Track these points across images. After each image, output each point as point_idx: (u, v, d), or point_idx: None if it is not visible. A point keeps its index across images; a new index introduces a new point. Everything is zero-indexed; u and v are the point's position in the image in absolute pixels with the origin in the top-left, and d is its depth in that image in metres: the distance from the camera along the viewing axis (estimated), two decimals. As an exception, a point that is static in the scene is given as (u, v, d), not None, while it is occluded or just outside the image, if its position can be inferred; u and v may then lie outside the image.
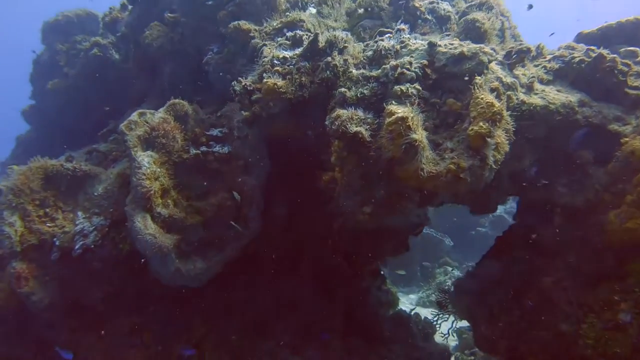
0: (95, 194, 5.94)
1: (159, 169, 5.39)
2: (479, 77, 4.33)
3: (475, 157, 4.11)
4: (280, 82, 4.89)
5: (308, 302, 7.48)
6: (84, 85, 8.99)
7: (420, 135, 4.07)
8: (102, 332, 6.56)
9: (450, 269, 13.99)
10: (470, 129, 4.15)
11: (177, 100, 5.88)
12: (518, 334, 4.79)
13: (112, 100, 8.74)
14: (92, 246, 5.70)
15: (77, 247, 5.62)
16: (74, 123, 9.04)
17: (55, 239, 5.76)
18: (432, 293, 13.17)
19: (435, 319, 8.02)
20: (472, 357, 10.04)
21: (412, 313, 9.93)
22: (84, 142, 7.80)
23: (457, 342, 10.80)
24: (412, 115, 4.12)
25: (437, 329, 9.18)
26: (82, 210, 5.88)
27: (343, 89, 4.70)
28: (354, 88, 4.72)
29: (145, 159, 5.26)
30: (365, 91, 4.65)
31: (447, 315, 6.08)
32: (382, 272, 8.79)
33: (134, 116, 5.57)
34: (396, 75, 4.56)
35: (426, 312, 12.39)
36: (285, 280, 7.43)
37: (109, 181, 5.95)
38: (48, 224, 5.84)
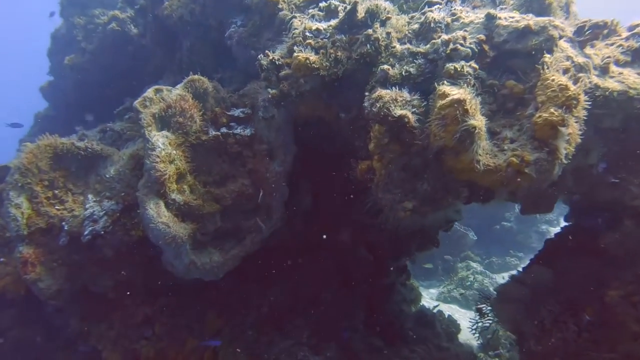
0: (107, 176, 5.40)
1: (174, 151, 4.81)
2: (548, 56, 3.61)
3: (543, 149, 3.41)
4: (312, 57, 4.23)
5: (329, 297, 6.90)
6: (102, 61, 8.44)
7: (479, 121, 3.39)
8: (113, 321, 6.11)
9: (473, 264, 13.27)
10: (537, 116, 3.45)
11: (196, 77, 5.26)
12: (575, 354, 4.13)
13: (131, 76, 8.19)
14: (102, 232, 5.18)
15: (86, 232, 5.10)
16: (91, 100, 8.52)
17: (64, 223, 5.25)
18: (453, 288, 12.51)
19: (474, 327, 7.34)
20: (497, 359, 9.42)
21: (436, 310, 9.32)
22: (101, 120, 7.29)
23: (480, 342, 10.17)
24: (469, 97, 3.43)
25: (477, 339, 8.57)
26: (92, 193, 5.35)
27: (385, 66, 4.01)
28: (397, 65, 4.04)
29: (160, 139, 4.68)
30: (411, 69, 3.96)
31: (486, 325, 5.44)
32: (407, 268, 8.16)
33: (149, 92, 4.98)
34: (448, 52, 3.86)
35: (446, 308, 11.78)
36: (306, 273, 6.86)
37: (121, 162, 5.39)
38: (57, 207, 5.33)
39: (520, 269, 4.97)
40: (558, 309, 4.38)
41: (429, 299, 12.40)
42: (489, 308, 5.21)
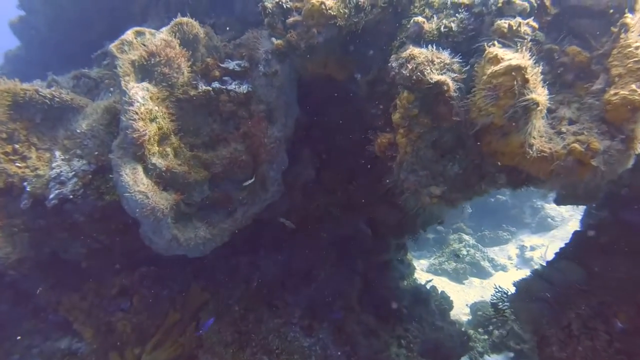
0: (78, 131, 4.57)
1: (156, 107, 3.99)
2: (630, 16, 2.83)
3: (616, 135, 2.70)
4: (329, 2, 3.38)
5: (323, 274, 6.33)
6: (80, -5, 7.34)
7: (542, 96, 2.64)
8: (87, 291, 5.46)
9: (465, 236, 12.85)
10: (611, 92, 2.72)
11: (184, 19, 4.36)
12: (604, 363, 3.63)
13: (113, 17, 7.14)
14: (71, 196, 4.42)
15: (51, 196, 4.34)
16: (67, 42, 7.47)
17: (25, 184, 4.46)
18: (444, 261, 12.12)
19: (488, 326, 6.84)
20: (487, 336, 9.13)
21: (429, 287, 8.88)
22: (79, 65, 6.33)
23: (469, 318, 9.86)
24: (530, 65, 2.67)
25: (488, 338, 8.16)
26: (60, 150, 4.54)
27: (420, 18, 3.20)
28: (435, 18, 3.22)
29: (140, 92, 3.85)
30: (451, 24, 3.16)
31: (499, 324, 4.87)
32: (406, 244, 7.60)
33: (129, 35, 4.08)
34: (500, 4, 3.05)
35: (437, 280, 11.41)
36: (300, 247, 6.25)
37: (95, 116, 4.55)
38: (17, 164, 4.52)
39: (544, 263, 4.39)
40: (588, 313, 3.82)
41: (419, 270, 12.00)
42: (506, 304, 4.68)
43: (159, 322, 5.55)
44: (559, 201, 4.00)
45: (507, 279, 11.63)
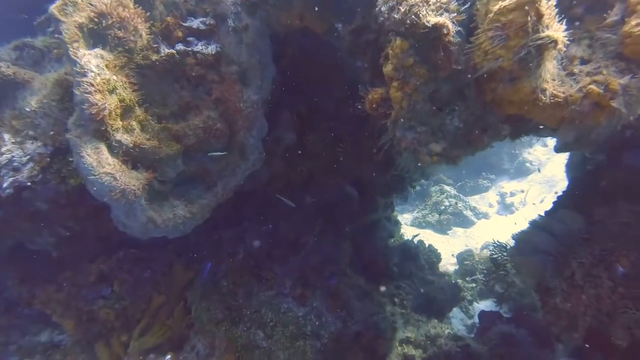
0: (27, 109, 4.04)
1: (115, 77, 3.50)
2: None
3: (637, 72, 2.42)
4: (303, -62, 2.92)
5: (311, 241, 6.08)
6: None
7: (558, 32, 2.31)
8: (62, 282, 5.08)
9: (446, 187, 12.82)
10: (632, 24, 2.42)
11: (137, -29, 3.79)
12: (609, 312, 3.53)
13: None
14: (29, 183, 3.95)
15: (5, 185, 3.86)
16: (1, 6, 6.66)
17: (-27, 172, 3.96)
18: (428, 213, 12.11)
19: (488, 281, 6.76)
20: (474, 285, 9.25)
21: (417, 241, 8.82)
22: (20, 34, 5.64)
23: (456, 267, 9.96)
24: (542, -4, 2.32)
25: (475, 286, 8.15)
26: (9, 133, 4.02)
27: (410, -48, 2.78)
28: (426, -49, 2.81)
29: (93, 60, 3.34)
30: (445, -45, 2.75)
31: (500, 277, 4.75)
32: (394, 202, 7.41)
33: (72, -7, 3.52)
34: None
35: (422, 233, 11.41)
36: (285, 216, 5.95)
37: (45, 91, 4.02)
38: (-39, 151, 3.99)
39: (542, 213, 4.23)
40: (591, 261, 3.70)
41: (403, 224, 11.98)
42: (505, 258, 4.54)
43: (144, 306, 5.26)
44: (559, 148, 3.77)
45: (490, 226, 11.76)
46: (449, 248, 10.94)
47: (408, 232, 10.61)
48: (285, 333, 5.17)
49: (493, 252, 4.73)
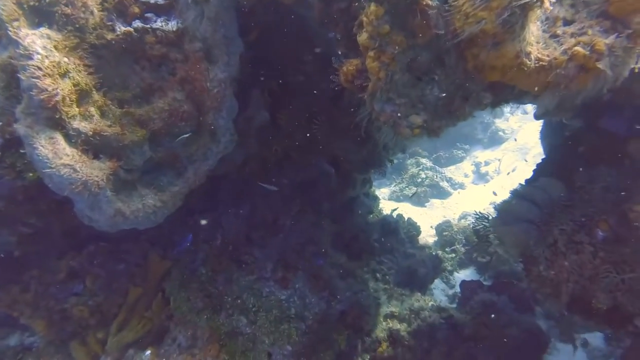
0: (-28, 98, 3.68)
1: (66, 59, 3.20)
2: None
3: (622, 31, 2.32)
4: None
5: (288, 222, 5.94)
6: None
7: (543, -9, 2.17)
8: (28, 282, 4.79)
9: (422, 160, 12.83)
10: (616, -21, 2.29)
11: (83, -59, 3.44)
12: (592, 277, 3.54)
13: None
14: (-20, 180, 3.65)
15: (-46, 183, 3.55)
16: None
17: None
18: (405, 187, 12.12)
19: (473, 253, 6.76)
20: (453, 255, 9.36)
21: (396, 215, 8.82)
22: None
23: (436, 239, 10.05)
24: (525, -48, 2.17)
25: (455, 256, 8.18)
26: (-47, 125, 3.67)
27: None
28: None
29: (38, 41, 3.03)
30: None
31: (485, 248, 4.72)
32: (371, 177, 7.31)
33: (9, -34, 3.16)
34: None
35: (400, 206, 11.43)
36: (261, 197, 5.78)
37: (-10, 78, 3.67)
38: None
39: (522, 182, 4.19)
40: (572, 227, 3.69)
41: (381, 198, 11.98)
42: (488, 228, 4.51)
43: (120, 300, 5.05)
44: (539, 115, 3.71)
45: (466, 196, 11.88)
46: (427, 220, 11.00)
47: (387, 206, 10.61)
48: (268, 317, 5.07)
49: (475, 224, 4.70)
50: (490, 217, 4.50)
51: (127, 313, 4.92)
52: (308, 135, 4.55)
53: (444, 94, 2.79)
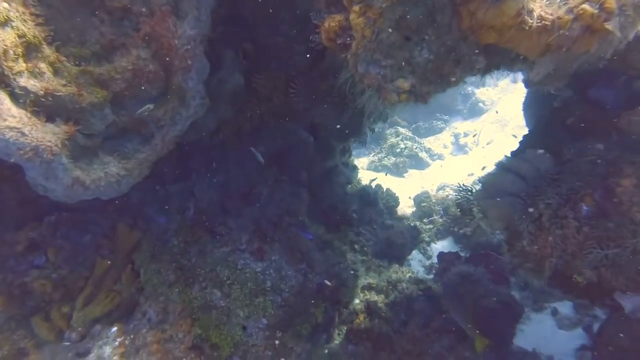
0: None
1: (6, 4, 2.80)
2: None
3: (632, -11, 2.10)
4: None
5: (265, 191, 5.69)
6: None
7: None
8: (-17, 253, 4.45)
9: (402, 129, 12.65)
10: None
11: None
12: (575, 252, 3.45)
13: None
14: None
15: None
16: None
17: None
18: (384, 156, 11.96)
19: (455, 227, 6.66)
20: (431, 226, 9.34)
21: (375, 185, 8.67)
22: None
23: (414, 210, 9.99)
24: None
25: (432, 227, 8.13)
26: None
27: None
28: None
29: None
30: None
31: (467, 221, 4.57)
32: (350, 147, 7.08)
33: None
34: None
35: (379, 177, 11.31)
36: (236, 164, 5.50)
37: None
38: None
39: (508, 154, 4.02)
40: (558, 201, 3.56)
41: (360, 168, 11.82)
42: (472, 201, 4.36)
43: (87, 273, 4.77)
44: (530, 82, 3.50)
45: (445, 167, 11.82)
46: (405, 190, 10.92)
47: (365, 176, 10.45)
48: (243, 290, 4.90)
49: (458, 197, 4.56)
50: (474, 190, 4.37)
51: (94, 287, 4.67)
52: (285, 100, 4.25)
53: (434, 57, 2.54)
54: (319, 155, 6.18)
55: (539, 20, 2.11)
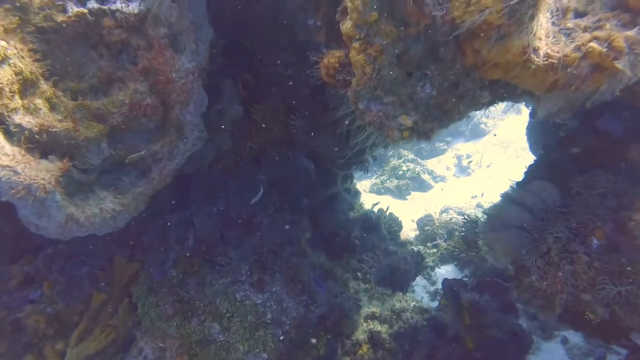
0: None
1: (4, 42, 2.76)
2: None
3: (642, 25, 2.03)
4: None
5: (265, 221, 5.57)
6: None
7: (558, -25, 1.85)
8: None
9: (404, 151, 12.58)
10: (638, -34, 1.99)
11: None
12: (586, 288, 3.31)
13: None
14: None
15: None
16: None
17: None
18: (386, 179, 11.87)
19: (459, 255, 6.53)
20: (435, 250, 9.18)
21: (377, 210, 8.55)
22: None
23: (417, 233, 9.85)
24: None
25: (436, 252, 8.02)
26: None
27: None
28: None
29: (-32, 22, 2.58)
30: None
31: (472, 253, 4.42)
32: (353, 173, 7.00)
33: None
34: None
35: (381, 200, 11.18)
36: (236, 193, 5.41)
37: None
38: None
39: (514, 185, 3.92)
40: (567, 235, 3.44)
41: (362, 191, 11.71)
42: (477, 234, 4.24)
43: (82, 307, 4.64)
44: (540, 117, 3.41)
45: (448, 189, 11.71)
46: (408, 213, 10.80)
47: (367, 199, 10.35)
48: (243, 324, 4.75)
49: (463, 229, 4.42)
50: (479, 222, 4.24)
51: (89, 321, 4.53)
52: (286, 130, 4.18)
53: (436, 92, 2.46)
54: (321, 183, 6.08)
55: (545, 59, 2.04)
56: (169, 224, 5.28)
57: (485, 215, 3.83)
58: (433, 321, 5.84)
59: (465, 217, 4.49)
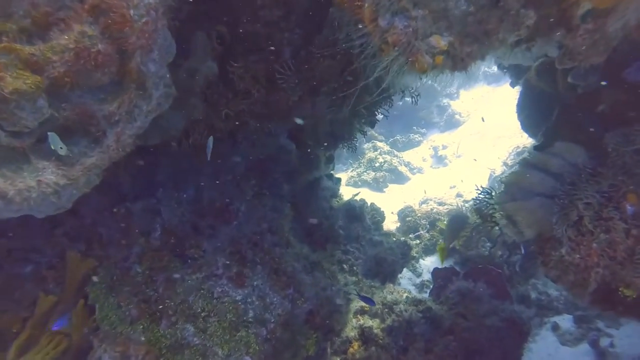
0: None
1: None
2: None
3: None
4: None
5: (243, 208, 4.89)
6: None
7: None
8: None
9: (379, 144, 12.12)
10: None
11: None
12: (625, 261, 2.83)
13: None
14: None
15: None
16: None
17: None
18: (363, 171, 11.36)
19: (475, 233, 6.01)
20: (418, 241, 8.75)
21: (359, 200, 8.01)
22: None
23: (398, 225, 9.39)
24: None
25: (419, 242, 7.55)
26: None
27: None
28: None
29: None
30: None
31: (490, 228, 3.88)
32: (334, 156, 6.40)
33: None
34: None
35: (362, 193, 10.66)
36: (209, 177, 4.72)
37: None
38: None
39: (531, 148, 3.42)
40: (599, 200, 2.96)
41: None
42: (493, 206, 3.70)
43: (25, 313, 3.82)
44: (564, 60, 2.90)
45: (425, 180, 11.32)
46: (387, 205, 10.33)
47: (345, 192, 9.80)
48: (222, 324, 4.06)
49: (476, 202, 3.90)
50: (494, 193, 3.72)
51: (33, 329, 3.71)
52: (267, 95, 3.51)
53: (474, 8, 1.89)
54: (303, 166, 5.45)
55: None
56: (132, 213, 4.50)
57: (503, 184, 3.30)
58: (428, 313, 5.33)
59: (478, 187, 3.97)
